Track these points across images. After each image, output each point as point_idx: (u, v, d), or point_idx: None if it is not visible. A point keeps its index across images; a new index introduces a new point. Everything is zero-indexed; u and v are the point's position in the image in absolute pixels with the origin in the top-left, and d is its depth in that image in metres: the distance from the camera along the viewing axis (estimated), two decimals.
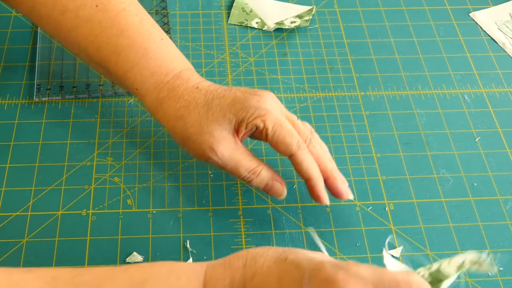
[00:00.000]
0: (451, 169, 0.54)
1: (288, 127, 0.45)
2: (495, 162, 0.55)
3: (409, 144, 0.56)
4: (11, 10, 0.65)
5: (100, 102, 0.57)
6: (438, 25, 0.67)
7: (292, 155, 0.45)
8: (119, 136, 0.55)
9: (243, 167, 0.45)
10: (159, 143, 0.55)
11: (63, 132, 0.55)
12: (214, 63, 0.61)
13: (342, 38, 0.65)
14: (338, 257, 0.48)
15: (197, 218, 0.50)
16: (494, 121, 0.58)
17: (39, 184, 0.51)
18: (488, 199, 0.52)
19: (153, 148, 0.54)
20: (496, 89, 0.61)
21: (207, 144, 0.45)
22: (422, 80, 0.61)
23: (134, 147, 0.54)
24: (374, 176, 0.53)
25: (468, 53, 0.64)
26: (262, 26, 0.65)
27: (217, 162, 0.45)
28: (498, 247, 0.49)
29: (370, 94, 0.60)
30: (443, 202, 0.52)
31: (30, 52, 0.61)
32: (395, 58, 0.63)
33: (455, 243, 0.49)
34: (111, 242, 0.48)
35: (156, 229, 0.49)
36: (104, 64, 0.49)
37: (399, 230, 0.50)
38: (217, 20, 0.66)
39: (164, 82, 0.47)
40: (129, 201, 0.51)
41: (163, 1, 0.66)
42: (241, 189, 0.52)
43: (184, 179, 0.52)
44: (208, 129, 0.45)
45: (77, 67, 0.60)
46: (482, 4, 0.69)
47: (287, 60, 0.62)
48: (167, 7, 0.66)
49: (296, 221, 0.50)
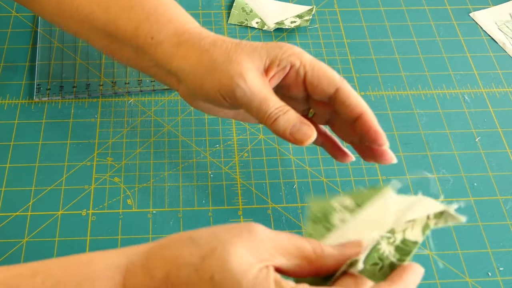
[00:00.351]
0: (451, 169, 0.54)
1: (325, 64, 0.42)
2: (495, 162, 0.55)
3: (409, 144, 0.56)
4: (11, 10, 0.65)
5: (100, 102, 0.57)
6: (438, 25, 0.67)
7: (338, 88, 0.41)
8: (119, 136, 0.55)
9: (272, 101, 0.41)
10: (159, 143, 0.55)
11: (63, 132, 0.55)
12: None
13: (342, 38, 0.65)
14: None
15: (197, 218, 0.50)
16: (494, 121, 0.58)
17: (39, 184, 0.51)
18: (488, 199, 0.52)
19: (153, 148, 0.54)
20: (496, 89, 0.61)
21: (236, 71, 0.41)
22: (422, 80, 0.61)
23: (134, 147, 0.54)
24: (374, 176, 0.53)
25: (468, 53, 0.64)
26: (262, 26, 0.65)
27: (244, 91, 0.40)
28: (498, 247, 0.49)
29: (370, 94, 0.60)
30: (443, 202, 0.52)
31: (30, 52, 0.61)
32: (395, 58, 0.63)
33: (455, 243, 0.49)
34: (111, 242, 0.48)
35: (156, 229, 0.49)
36: (112, 24, 0.46)
37: None
38: (217, 20, 0.66)
39: (185, 28, 0.44)
40: (129, 201, 0.51)
41: None
42: (241, 189, 0.52)
43: (184, 179, 0.52)
44: (237, 59, 0.41)
45: (77, 67, 0.60)
46: (482, 4, 0.69)
47: None
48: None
49: (296, 221, 0.50)
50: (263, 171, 0.53)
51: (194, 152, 0.54)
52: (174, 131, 0.55)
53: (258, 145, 0.55)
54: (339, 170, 0.53)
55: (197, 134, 0.55)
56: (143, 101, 0.58)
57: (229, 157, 0.54)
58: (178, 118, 0.56)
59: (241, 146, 0.55)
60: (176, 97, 0.58)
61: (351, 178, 0.53)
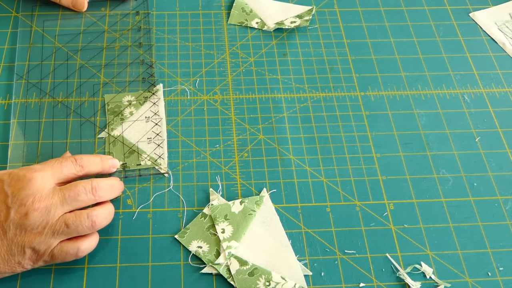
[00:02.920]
0: (451, 169, 0.54)
1: None
2: (495, 162, 0.55)
3: (409, 144, 0.56)
4: (11, 10, 0.65)
5: (100, 101, 0.57)
6: (438, 25, 0.67)
7: None
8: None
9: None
10: None
11: (62, 132, 0.55)
12: (214, 63, 0.61)
13: (342, 38, 0.64)
14: (338, 257, 0.48)
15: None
16: (494, 121, 0.58)
17: None
18: (488, 199, 0.52)
19: None
20: (496, 89, 0.61)
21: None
22: (422, 80, 0.61)
23: None
24: (374, 176, 0.53)
25: (468, 53, 0.64)
26: (262, 26, 0.65)
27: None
28: (498, 247, 0.49)
29: (370, 94, 0.60)
30: (443, 202, 0.52)
31: (29, 52, 0.61)
32: (395, 58, 0.63)
33: (455, 243, 0.49)
34: (111, 242, 0.48)
35: (156, 229, 0.49)
36: None
37: (399, 230, 0.50)
38: (217, 20, 0.66)
39: None
40: (129, 201, 0.51)
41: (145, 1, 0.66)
42: (241, 189, 0.52)
43: (184, 179, 0.52)
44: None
45: (77, 67, 0.60)
46: (482, 4, 0.69)
47: (287, 60, 0.62)
48: (148, 7, 0.65)
49: (296, 221, 0.50)
50: (263, 171, 0.53)
51: (194, 152, 0.54)
52: (174, 131, 0.55)
53: (258, 145, 0.55)
54: (339, 170, 0.53)
55: (197, 134, 0.55)
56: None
57: (229, 157, 0.54)
58: (178, 118, 0.56)
59: (241, 146, 0.55)
60: (176, 97, 0.58)
61: (351, 178, 0.53)
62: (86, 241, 0.45)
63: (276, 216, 0.50)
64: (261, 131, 0.56)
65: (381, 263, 0.48)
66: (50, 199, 0.43)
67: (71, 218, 0.44)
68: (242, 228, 0.48)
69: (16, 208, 0.42)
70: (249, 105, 0.58)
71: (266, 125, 0.56)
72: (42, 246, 0.43)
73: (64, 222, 0.43)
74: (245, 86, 0.59)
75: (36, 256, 0.43)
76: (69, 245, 0.44)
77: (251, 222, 0.49)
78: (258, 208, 0.50)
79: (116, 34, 0.63)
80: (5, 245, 0.42)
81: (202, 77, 0.60)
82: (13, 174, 0.44)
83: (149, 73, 0.59)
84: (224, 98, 0.58)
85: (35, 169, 0.45)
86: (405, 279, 0.47)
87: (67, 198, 0.44)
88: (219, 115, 0.57)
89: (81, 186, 0.45)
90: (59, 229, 0.43)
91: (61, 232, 0.43)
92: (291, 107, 0.58)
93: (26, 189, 0.43)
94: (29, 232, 0.42)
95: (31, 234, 0.43)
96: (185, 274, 0.47)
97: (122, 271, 0.47)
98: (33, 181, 0.43)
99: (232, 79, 0.60)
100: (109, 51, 0.61)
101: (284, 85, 0.60)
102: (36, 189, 0.43)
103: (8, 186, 0.43)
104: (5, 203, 0.43)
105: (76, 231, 0.44)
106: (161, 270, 0.47)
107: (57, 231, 0.43)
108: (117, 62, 0.60)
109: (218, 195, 0.51)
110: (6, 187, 0.43)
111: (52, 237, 0.43)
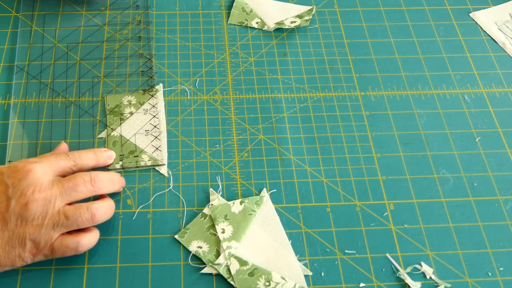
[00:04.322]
0: (451, 169, 0.54)
1: None
2: (495, 162, 0.55)
3: (409, 144, 0.56)
4: (11, 10, 0.65)
5: (100, 101, 0.57)
6: (438, 25, 0.67)
7: None
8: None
9: None
10: None
11: (62, 131, 0.55)
12: (214, 63, 0.61)
13: (342, 38, 0.64)
14: (338, 257, 0.48)
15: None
16: (494, 121, 0.58)
17: None
18: (488, 199, 0.52)
19: None
20: (496, 89, 0.61)
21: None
22: (422, 80, 0.61)
23: None
24: (374, 176, 0.53)
25: (468, 53, 0.64)
26: (262, 26, 0.65)
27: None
28: (498, 247, 0.49)
29: (370, 94, 0.60)
30: (443, 202, 0.52)
31: (29, 52, 0.61)
32: (395, 58, 0.63)
33: (455, 243, 0.49)
34: (111, 242, 0.48)
35: (156, 229, 0.49)
36: None
37: (399, 230, 0.50)
38: (217, 20, 0.66)
39: None
40: (129, 201, 0.51)
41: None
42: (241, 189, 0.52)
43: (184, 179, 0.52)
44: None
45: (77, 67, 0.59)
46: (482, 4, 0.69)
47: (287, 60, 0.62)
48: (148, 4, 0.65)
49: (296, 221, 0.50)
50: (263, 171, 0.53)
51: (194, 152, 0.54)
52: (174, 131, 0.55)
53: (258, 145, 0.55)
54: (339, 170, 0.53)
55: (197, 134, 0.55)
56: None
57: (229, 157, 0.54)
58: (178, 118, 0.56)
59: (241, 146, 0.55)
60: (176, 97, 0.58)
61: (351, 178, 0.53)
62: (86, 236, 0.45)
63: (276, 216, 0.50)
64: (261, 131, 0.56)
65: (381, 263, 0.48)
66: (50, 190, 0.44)
67: (71, 210, 0.44)
68: (242, 228, 0.48)
69: (16, 199, 0.43)
70: (249, 105, 0.58)
71: (266, 125, 0.56)
72: (42, 238, 0.43)
73: (64, 214, 0.44)
74: (245, 86, 0.59)
75: (37, 249, 0.44)
76: (69, 239, 0.44)
77: (251, 222, 0.49)
78: (258, 208, 0.50)
79: (116, 34, 0.63)
80: (6, 237, 0.43)
81: (202, 77, 0.60)
82: (12, 166, 0.45)
83: (148, 66, 0.59)
84: (224, 98, 0.58)
85: (34, 161, 0.45)
86: (405, 279, 0.47)
87: (66, 189, 0.44)
88: (219, 115, 0.57)
89: (80, 177, 0.46)
90: (59, 221, 0.43)
91: (61, 224, 0.44)
92: (291, 107, 0.58)
93: (27, 179, 0.43)
94: (30, 223, 0.43)
95: (32, 225, 0.43)
96: (185, 274, 0.47)
97: (122, 271, 0.47)
98: (33, 172, 0.44)
99: (232, 79, 0.60)
100: (109, 50, 0.61)
101: (284, 85, 0.60)
102: (36, 179, 0.44)
103: (8, 177, 0.44)
104: (5, 194, 0.43)
105: (75, 224, 0.44)
106: (161, 270, 0.47)
107: (57, 223, 0.43)
108: (117, 62, 0.60)
109: (218, 195, 0.51)
110: (6, 178, 0.44)
111: (52, 229, 0.43)
